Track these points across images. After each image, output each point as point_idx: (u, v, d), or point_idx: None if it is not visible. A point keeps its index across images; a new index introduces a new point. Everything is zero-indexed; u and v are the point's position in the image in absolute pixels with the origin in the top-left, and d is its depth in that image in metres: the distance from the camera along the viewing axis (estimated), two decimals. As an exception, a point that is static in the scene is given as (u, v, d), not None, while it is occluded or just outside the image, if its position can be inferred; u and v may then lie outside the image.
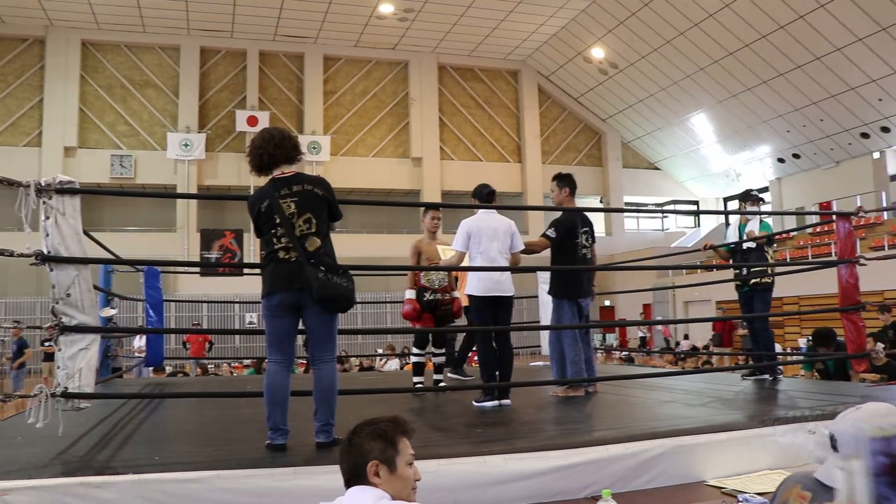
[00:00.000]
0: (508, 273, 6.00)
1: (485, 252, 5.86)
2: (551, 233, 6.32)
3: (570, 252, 6.34)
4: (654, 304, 27.12)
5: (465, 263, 6.14)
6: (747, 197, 7.60)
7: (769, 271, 7.16)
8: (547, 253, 6.50)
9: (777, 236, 7.85)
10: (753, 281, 7.19)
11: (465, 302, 6.47)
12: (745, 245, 7.32)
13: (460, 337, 8.66)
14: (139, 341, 14.24)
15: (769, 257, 7.26)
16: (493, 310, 5.92)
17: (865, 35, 20.11)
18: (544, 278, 8.84)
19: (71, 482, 3.24)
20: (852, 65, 21.32)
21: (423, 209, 7.09)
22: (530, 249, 6.28)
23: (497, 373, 5.92)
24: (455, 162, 29.81)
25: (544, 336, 9.51)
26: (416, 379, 6.82)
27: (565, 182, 6.51)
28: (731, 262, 7.87)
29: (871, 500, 0.76)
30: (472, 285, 5.91)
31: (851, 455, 0.78)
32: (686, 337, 23.52)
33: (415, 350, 7.02)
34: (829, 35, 20.80)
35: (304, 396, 4.25)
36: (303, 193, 3.93)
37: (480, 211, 6.08)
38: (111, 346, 8.11)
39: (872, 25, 19.72)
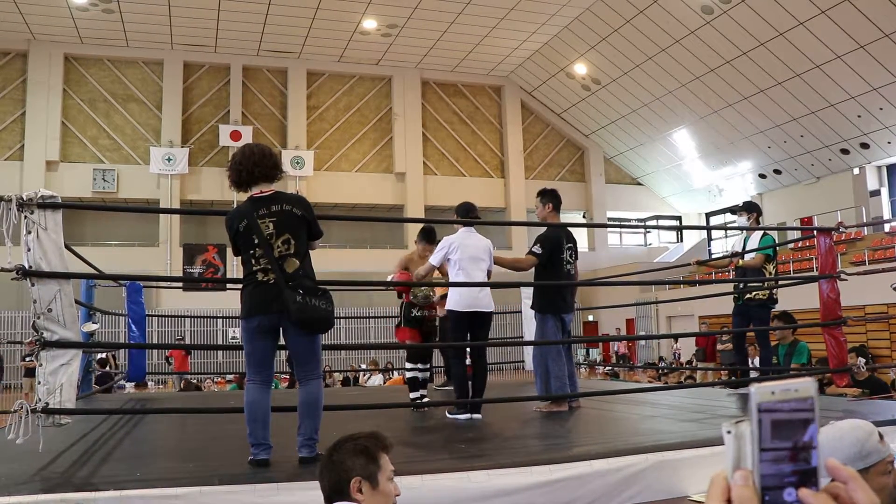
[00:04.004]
0: (488, 289, 6.01)
1: (465, 269, 5.88)
2: (537, 249, 6.30)
3: (555, 268, 6.32)
4: (638, 318, 27.17)
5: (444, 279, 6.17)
6: (749, 208, 7.56)
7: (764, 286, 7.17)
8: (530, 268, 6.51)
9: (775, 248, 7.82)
10: (748, 297, 7.20)
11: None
12: (741, 261, 7.35)
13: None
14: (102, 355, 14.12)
15: (768, 272, 7.24)
16: (471, 325, 5.93)
17: (844, 52, 20.32)
18: (527, 293, 8.86)
19: (51, 499, 3.20)
20: (832, 81, 21.52)
21: (416, 238, 7.12)
22: (518, 267, 6.30)
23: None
24: (438, 177, 29.80)
25: (527, 351, 9.52)
26: (413, 395, 6.80)
27: (549, 198, 6.50)
28: (732, 273, 7.91)
29: (757, 465, 0.76)
30: (453, 300, 5.92)
31: (740, 419, 0.78)
32: (675, 344, 23.53)
33: (408, 365, 6.99)
34: (808, 52, 21.00)
35: (286, 412, 4.24)
36: (281, 214, 3.93)
37: (461, 229, 6.10)
38: (92, 361, 8.06)
39: (851, 43, 19.93)
